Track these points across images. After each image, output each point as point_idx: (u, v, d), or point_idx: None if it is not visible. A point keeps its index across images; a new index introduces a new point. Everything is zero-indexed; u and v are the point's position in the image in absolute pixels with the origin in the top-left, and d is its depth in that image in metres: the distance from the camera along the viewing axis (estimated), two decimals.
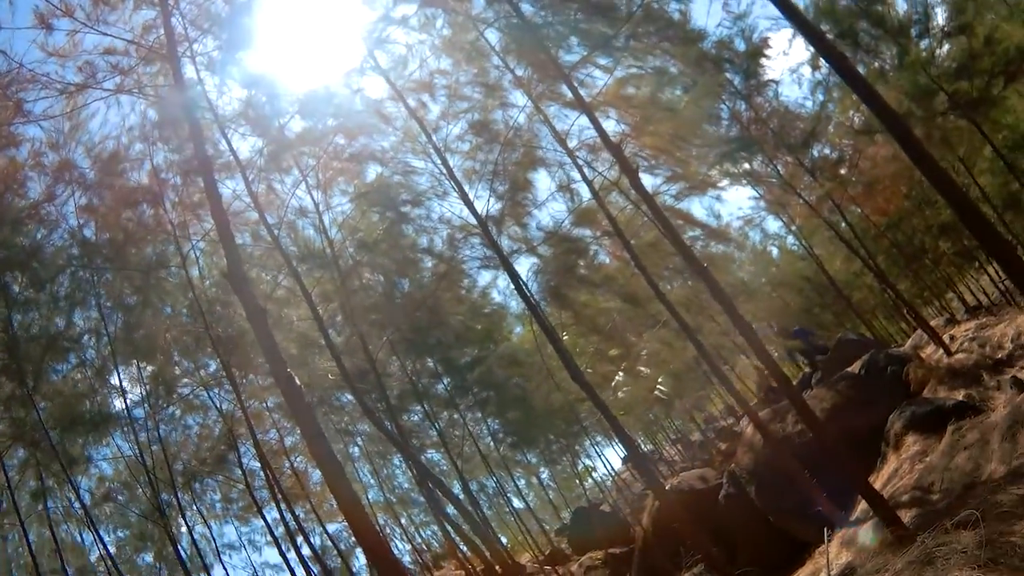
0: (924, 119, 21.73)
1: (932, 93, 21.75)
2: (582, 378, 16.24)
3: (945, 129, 22.90)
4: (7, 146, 20.93)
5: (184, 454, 27.35)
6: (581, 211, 22.51)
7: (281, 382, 7.96)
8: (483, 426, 33.20)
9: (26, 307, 22.60)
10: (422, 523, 38.97)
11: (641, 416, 32.83)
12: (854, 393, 18.81)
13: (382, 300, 24.38)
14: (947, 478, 12.93)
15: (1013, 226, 23.95)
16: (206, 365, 25.87)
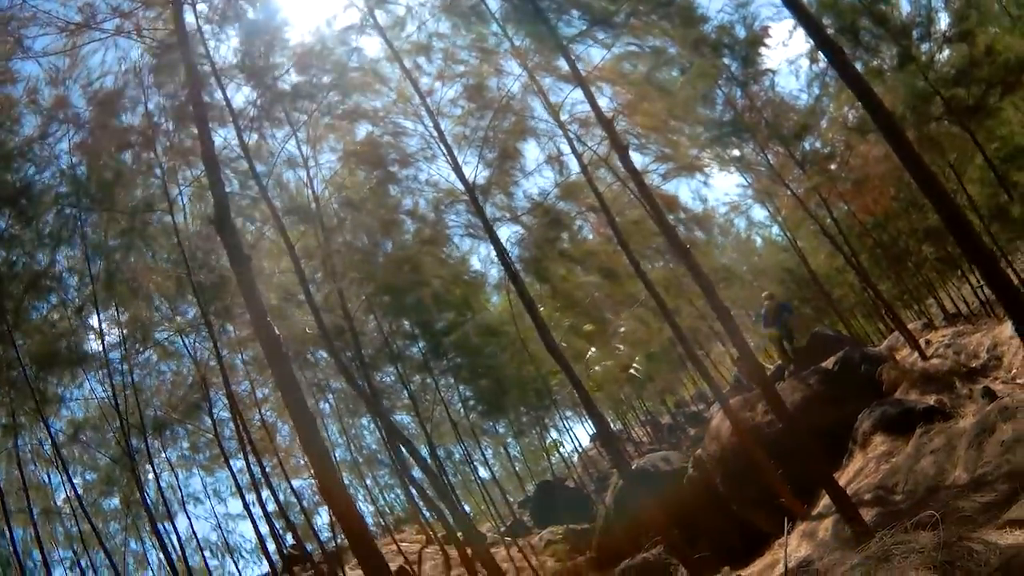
0: (918, 122, 21.71)
1: (928, 97, 21.75)
2: (557, 350, 16.24)
3: (938, 134, 22.91)
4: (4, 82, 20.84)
5: (156, 400, 27.32)
6: (568, 185, 22.52)
7: (260, 329, 7.91)
8: (455, 392, 33.25)
9: (10, 244, 22.47)
10: (386, 485, 39.08)
11: (612, 394, 32.93)
12: (825, 389, 18.86)
13: (363, 259, 24.33)
14: (911, 480, 12.98)
15: (998, 237, 24.01)
16: (184, 312, 25.83)
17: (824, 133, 26.97)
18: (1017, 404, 12.14)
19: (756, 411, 18.66)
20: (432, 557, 29.84)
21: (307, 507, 30.78)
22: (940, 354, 19.37)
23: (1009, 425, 11.61)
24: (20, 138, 21.74)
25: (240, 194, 22.23)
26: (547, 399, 30.59)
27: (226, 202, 10.95)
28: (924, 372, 18.54)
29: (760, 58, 24.41)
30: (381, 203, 24.11)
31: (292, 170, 22.89)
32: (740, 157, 27.18)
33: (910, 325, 24.22)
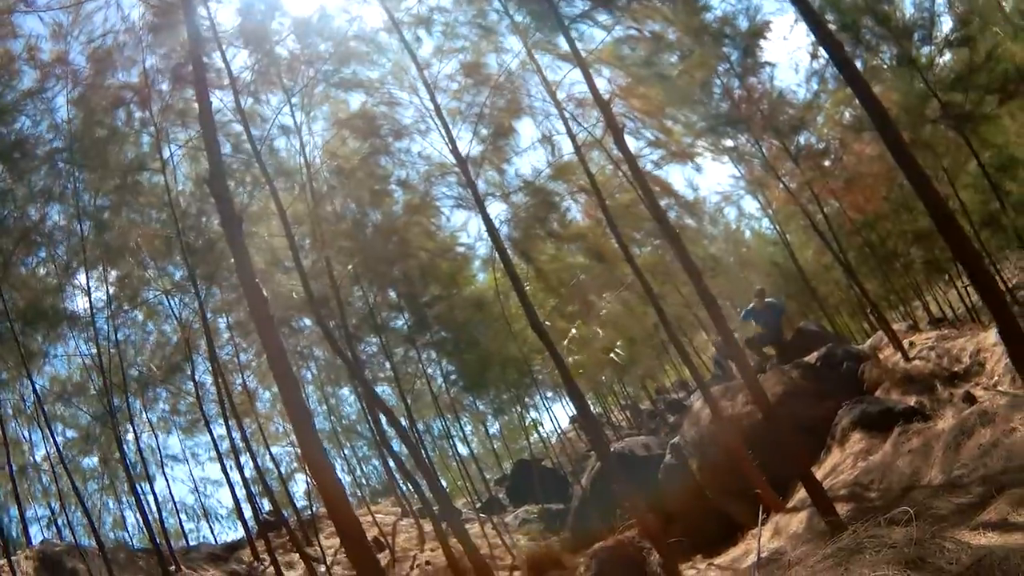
0: (913, 123, 21.73)
1: (925, 99, 21.77)
2: (541, 328, 16.27)
3: (933, 137, 22.93)
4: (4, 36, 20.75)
5: (140, 360, 27.33)
6: (561, 165, 22.57)
7: (248, 290, 7.91)
8: (437, 366, 33.28)
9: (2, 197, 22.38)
10: (364, 457, 39.16)
11: (593, 376, 32.94)
12: (807, 383, 18.91)
13: (352, 227, 24.31)
14: (887, 479, 13.06)
15: (988, 244, 24.06)
16: (172, 273, 25.81)
17: (819, 129, 26.99)
18: (997, 409, 12.22)
19: (736, 401, 18.71)
20: (406, 530, 29.92)
21: (284, 474, 30.87)
22: (923, 356, 19.40)
23: (988, 430, 11.68)
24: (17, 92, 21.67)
25: (233, 157, 22.20)
26: (528, 378, 30.60)
27: (221, 162, 10.95)
28: (906, 373, 18.59)
29: (760, 50, 24.38)
30: (372, 173, 24.11)
31: (285, 136, 22.87)
32: (734, 148, 27.18)
33: (895, 326, 24.26)
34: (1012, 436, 10.76)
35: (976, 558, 6.31)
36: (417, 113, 21.89)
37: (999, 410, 12.07)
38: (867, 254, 30.44)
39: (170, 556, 23.65)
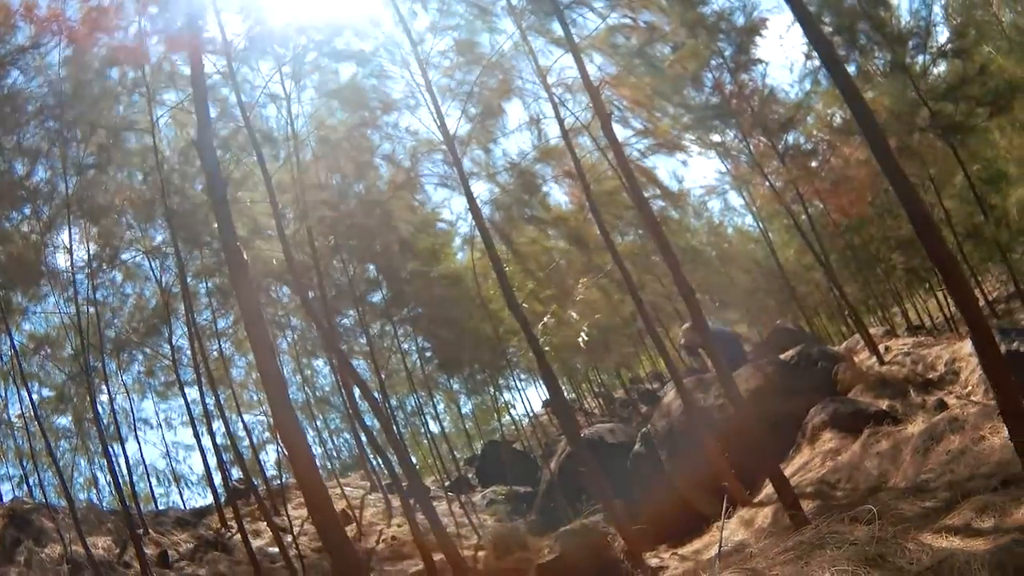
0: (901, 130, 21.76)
1: (916, 107, 21.80)
2: (518, 309, 16.26)
3: (921, 145, 22.96)
4: None
5: (117, 321, 27.22)
6: (547, 148, 22.55)
7: (229, 252, 7.92)
8: (412, 343, 33.27)
9: None
10: (336, 429, 39.10)
11: (567, 361, 32.98)
12: (780, 380, 18.99)
13: (336, 199, 24.25)
14: (854, 478, 13.17)
15: (971, 256, 24.11)
16: (153, 235, 25.69)
17: (808, 129, 27.04)
18: (967, 417, 12.31)
19: (709, 394, 18.78)
20: (374, 504, 29.97)
21: (256, 442, 30.76)
22: (898, 361, 19.50)
23: (957, 436, 11.78)
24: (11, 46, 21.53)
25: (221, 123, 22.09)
26: (503, 359, 30.59)
27: (209, 125, 10.92)
28: (880, 377, 18.68)
29: (755, 47, 24.40)
30: (359, 146, 24.04)
31: (274, 104, 22.76)
32: (721, 142, 27.25)
33: (872, 330, 24.41)
34: (981, 444, 10.85)
35: (937, 560, 6.36)
36: (407, 88, 21.81)
37: (969, 418, 12.17)
38: (849, 257, 30.51)
39: (139, 519, 23.64)
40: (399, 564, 22.04)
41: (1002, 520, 7.01)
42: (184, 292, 23.24)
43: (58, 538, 21.48)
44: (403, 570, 21.31)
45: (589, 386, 44.63)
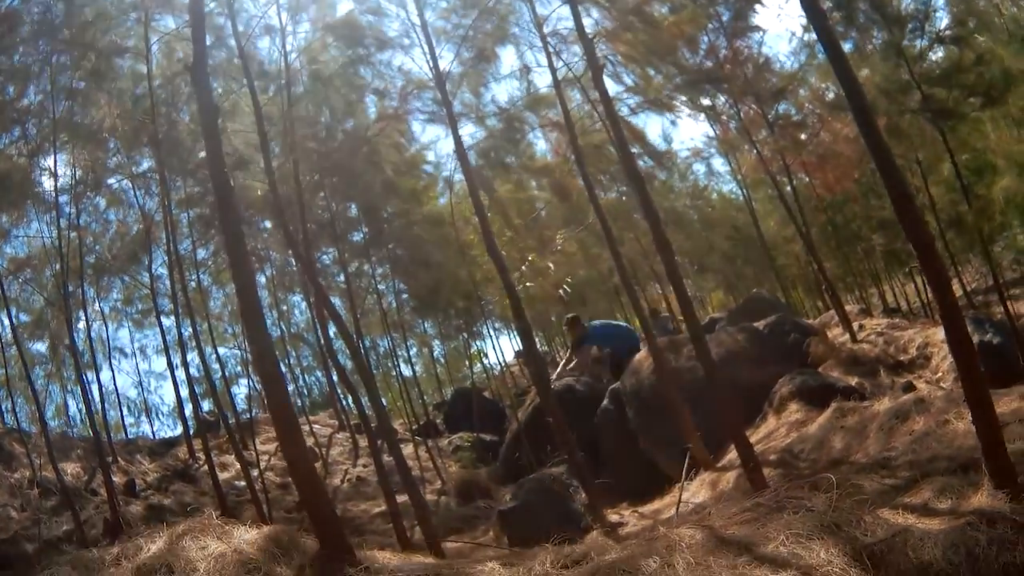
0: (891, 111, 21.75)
1: (908, 89, 21.80)
2: (498, 254, 16.26)
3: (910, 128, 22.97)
4: None
5: (98, 247, 27.12)
6: (537, 97, 22.51)
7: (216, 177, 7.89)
8: (389, 284, 33.33)
9: None
10: (308, 367, 39.23)
11: (542, 313, 33.05)
12: (752, 347, 19.09)
13: (323, 134, 24.16)
14: (818, 450, 13.30)
15: (952, 245, 24.19)
16: (139, 162, 25.53)
17: (800, 101, 27.07)
18: (934, 400, 12.45)
19: (681, 355, 18.86)
20: (341, 443, 30.07)
21: (228, 375, 30.82)
22: (871, 341, 19.65)
23: (922, 418, 11.90)
24: None
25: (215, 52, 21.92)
26: (478, 307, 30.61)
27: (205, 51, 10.85)
28: (851, 354, 18.84)
29: (753, 13, 24.43)
30: (350, 83, 23.91)
31: (269, 35, 22.56)
32: (711, 106, 27.29)
33: (847, 308, 24.51)
34: (945, 428, 10.96)
35: (891, 533, 6.45)
36: (403, 27, 21.67)
37: (936, 401, 12.32)
38: (830, 233, 30.62)
39: (108, 447, 23.69)
40: (362, 504, 22.15)
41: (958, 503, 7.10)
42: (167, 221, 23.11)
43: (27, 463, 21.55)
44: (366, 510, 21.43)
45: (562, 340, 44.72)
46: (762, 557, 6.10)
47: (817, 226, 29.90)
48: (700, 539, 6.91)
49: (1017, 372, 13.93)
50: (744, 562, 6.06)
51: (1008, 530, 6.19)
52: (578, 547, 8.14)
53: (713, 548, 6.57)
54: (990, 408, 7.11)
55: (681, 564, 6.16)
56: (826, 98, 26.29)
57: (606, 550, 7.81)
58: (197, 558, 7.68)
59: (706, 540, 6.86)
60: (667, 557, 6.35)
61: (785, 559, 5.97)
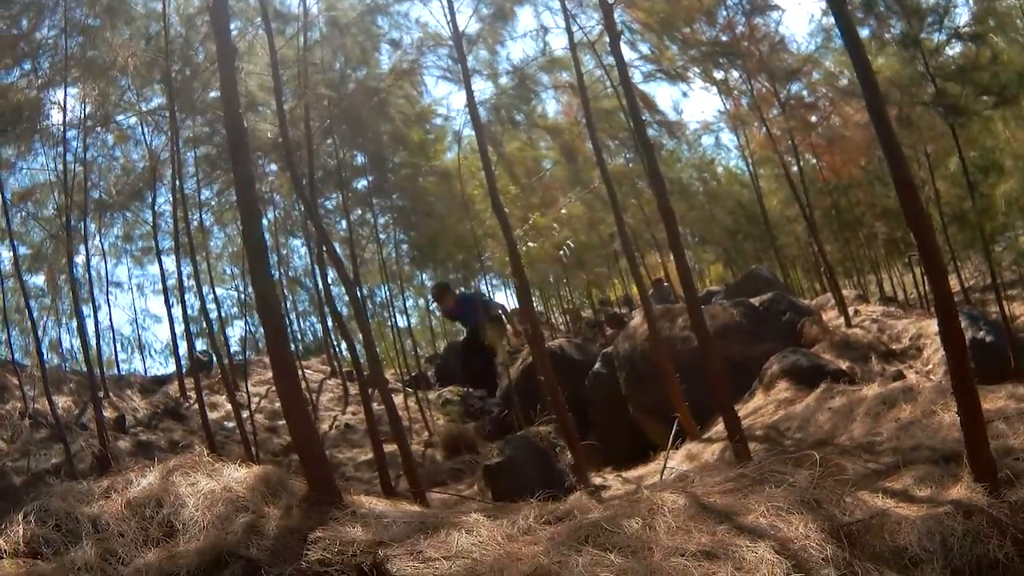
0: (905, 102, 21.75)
1: (922, 82, 21.80)
2: (502, 210, 16.29)
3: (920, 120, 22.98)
4: None
5: (103, 182, 27.13)
6: (552, 59, 22.56)
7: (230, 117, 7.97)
8: (391, 233, 33.38)
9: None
10: (303, 312, 39.31)
11: (540, 273, 33.08)
12: (746, 323, 19.23)
13: (336, 81, 24.16)
14: (804, 429, 13.44)
15: (954, 240, 24.22)
16: (149, 99, 25.49)
17: (813, 84, 27.07)
18: (922, 391, 12.57)
19: (675, 324, 19.03)
20: (332, 390, 30.20)
21: (224, 316, 30.97)
22: (865, 327, 19.75)
23: (909, 407, 12.03)
24: None
25: None
26: (477, 262, 30.64)
27: None
28: (845, 338, 18.95)
29: None
30: (367, 31, 23.88)
31: None
32: (724, 80, 27.32)
33: (844, 292, 24.61)
34: (931, 418, 11.08)
35: (869, 515, 6.58)
36: None
37: (925, 392, 12.43)
38: (832, 217, 30.72)
39: (100, 382, 23.80)
40: (348, 452, 22.25)
41: (938, 493, 7.22)
42: (174, 159, 23.13)
43: (20, 395, 21.68)
44: (352, 458, 21.54)
45: (558, 301, 44.75)
46: (741, 526, 6.23)
47: (821, 209, 29.98)
48: (682, 504, 7.04)
49: (1007, 372, 14.01)
50: (724, 530, 6.19)
51: (984, 523, 6.32)
52: (562, 505, 8.28)
53: (694, 514, 6.70)
54: (976, 401, 7.20)
55: (662, 526, 6.30)
56: (839, 83, 26.29)
57: (589, 509, 7.96)
58: (187, 494, 7.85)
59: (688, 506, 6.99)
60: (649, 519, 6.49)
61: (764, 530, 6.10)
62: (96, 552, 6.74)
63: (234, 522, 7.39)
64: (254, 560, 6.69)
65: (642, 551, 5.90)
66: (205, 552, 6.68)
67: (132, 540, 7.16)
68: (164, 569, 6.56)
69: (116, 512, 7.51)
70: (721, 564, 5.45)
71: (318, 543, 6.86)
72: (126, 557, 6.88)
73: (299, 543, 7.01)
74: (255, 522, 7.44)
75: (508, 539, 7.00)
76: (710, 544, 5.82)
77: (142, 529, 7.33)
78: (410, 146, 28.68)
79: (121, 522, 7.34)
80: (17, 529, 7.08)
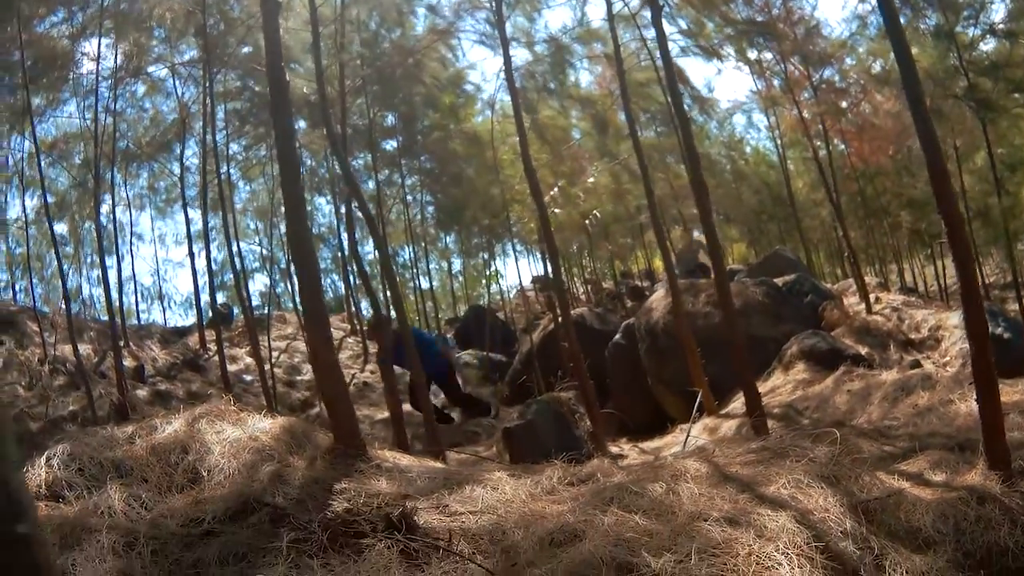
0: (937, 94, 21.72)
1: (955, 75, 21.77)
2: (533, 174, 16.34)
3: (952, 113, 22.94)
4: None
5: (131, 133, 27.25)
6: (589, 30, 22.57)
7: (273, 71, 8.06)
8: (417, 195, 33.50)
9: None
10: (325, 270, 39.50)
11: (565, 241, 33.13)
12: (769, 303, 19.35)
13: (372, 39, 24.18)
14: (821, 409, 13.57)
15: (977, 235, 24.18)
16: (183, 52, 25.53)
17: (845, 71, 27.07)
18: (940, 379, 12.67)
19: (699, 299, 19.18)
20: (351, 347, 30.46)
21: (247, 270, 31.18)
22: (885, 314, 19.78)
23: (927, 394, 12.14)
24: None
25: None
26: (503, 226, 30.69)
27: None
28: (865, 324, 19.00)
29: None
30: None
31: None
32: (758, 60, 27.33)
33: (866, 279, 24.64)
34: (948, 407, 11.17)
35: (886, 493, 6.69)
36: None
37: (943, 380, 12.55)
38: (858, 203, 30.72)
39: (122, 331, 24.00)
40: (365, 409, 22.37)
41: (953, 478, 7.30)
42: (204, 112, 23.22)
43: (40, 342, 21.87)
44: (368, 416, 21.64)
45: (580, 271, 44.85)
46: (762, 496, 6.35)
47: (846, 195, 29.98)
48: (705, 472, 7.17)
49: None
50: (745, 498, 6.30)
51: (996, 511, 6.41)
52: (584, 468, 8.40)
53: (717, 482, 6.82)
54: (995, 390, 7.27)
55: (685, 492, 6.42)
56: (871, 70, 26.28)
57: (612, 473, 8.08)
58: (212, 441, 7.95)
59: (711, 474, 7.12)
60: (672, 484, 6.60)
61: (785, 500, 6.21)
62: (120, 496, 6.75)
63: (260, 470, 7.47)
64: (280, 508, 6.70)
65: (666, 514, 6.02)
66: (231, 499, 6.67)
67: (156, 485, 7.24)
68: (189, 514, 6.52)
69: (140, 458, 7.58)
70: (743, 530, 5.56)
71: (343, 494, 6.89)
72: (150, 502, 6.92)
73: (324, 493, 7.04)
74: (280, 471, 7.52)
75: (532, 498, 7.12)
76: (732, 511, 5.93)
77: (166, 475, 7.41)
78: (441, 109, 28.75)
79: (145, 468, 7.42)
80: (40, 472, 7.12)
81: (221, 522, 6.43)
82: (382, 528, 5.94)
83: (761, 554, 5.16)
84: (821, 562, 5.19)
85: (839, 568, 5.26)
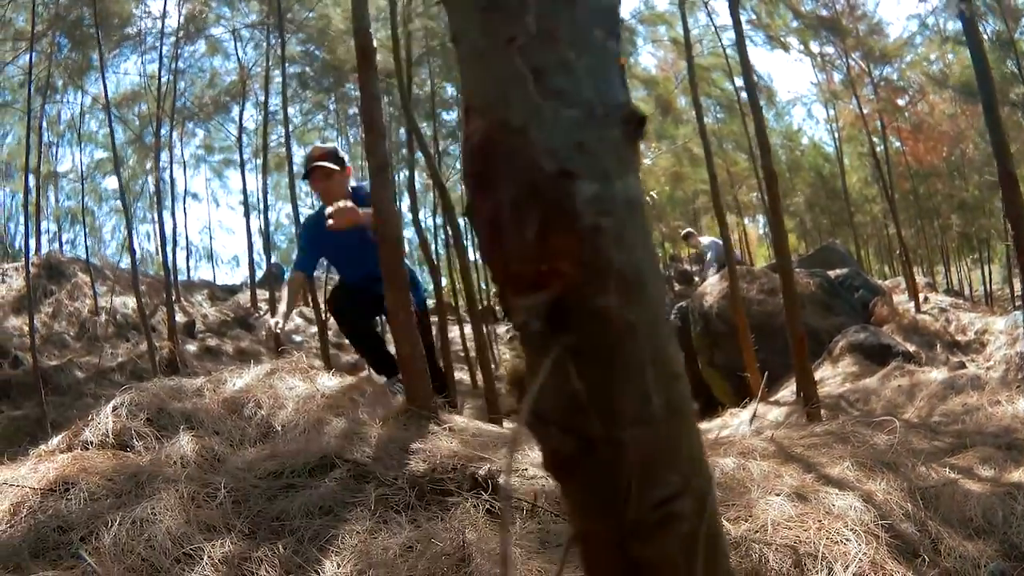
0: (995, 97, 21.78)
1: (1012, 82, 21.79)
2: None
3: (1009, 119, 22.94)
4: None
5: (190, 92, 27.58)
6: (655, 14, 22.75)
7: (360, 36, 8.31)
8: None
9: None
10: None
11: None
12: (821, 294, 19.57)
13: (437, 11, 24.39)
14: (870, 402, 13.78)
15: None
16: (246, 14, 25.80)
17: (905, 70, 27.11)
18: (988, 380, 12.84)
19: (753, 285, 19.37)
20: None
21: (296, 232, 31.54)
22: (933, 314, 19.94)
23: (975, 394, 12.29)
24: None
25: None
26: None
27: None
28: (913, 322, 19.16)
29: None
30: None
31: None
32: (820, 54, 27.41)
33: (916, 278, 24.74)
34: (995, 408, 11.30)
35: (941, 483, 6.93)
36: None
37: (991, 381, 12.72)
38: (910, 203, 30.74)
39: (173, 285, 24.37)
40: None
41: (1000, 474, 7.45)
42: (267, 75, 23.47)
43: (91, 293, 22.23)
44: None
45: None
46: (827, 477, 6.59)
47: (900, 193, 29.99)
48: (772, 451, 7.44)
49: None
50: (812, 478, 6.55)
51: None
52: None
53: (783, 461, 7.08)
54: None
55: (755, 469, 6.66)
56: (930, 72, 26.32)
57: None
58: (286, 396, 7.99)
59: (777, 453, 7.39)
60: (742, 461, 6.86)
61: (850, 482, 6.45)
62: (193, 448, 6.68)
63: (334, 427, 7.55)
64: (362, 464, 6.69)
65: (738, 488, 6.27)
66: (310, 453, 6.69)
67: (228, 438, 7.23)
68: (267, 468, 6.50)
69: (212, 410, 7.55)
70: (812, 506, 5.81)
71: (418, 454, 7.00)
72: (223, 455, 6.89)
73: (400, 452, 6.97)
74: (356, 429, 7.53)
75: None
76: (801, 488, 6.16)
77: (239, 428, 7.40)
78: None
79: (217, 420, 7.40)
80: (106, 421, 7.00)
81: (300, 476, 6.45)
82: (467, 488, 6.11)
83: (831, 529, 5.43)
84: (886, 540, 5.43)
85: (902, 547, 5.50)
